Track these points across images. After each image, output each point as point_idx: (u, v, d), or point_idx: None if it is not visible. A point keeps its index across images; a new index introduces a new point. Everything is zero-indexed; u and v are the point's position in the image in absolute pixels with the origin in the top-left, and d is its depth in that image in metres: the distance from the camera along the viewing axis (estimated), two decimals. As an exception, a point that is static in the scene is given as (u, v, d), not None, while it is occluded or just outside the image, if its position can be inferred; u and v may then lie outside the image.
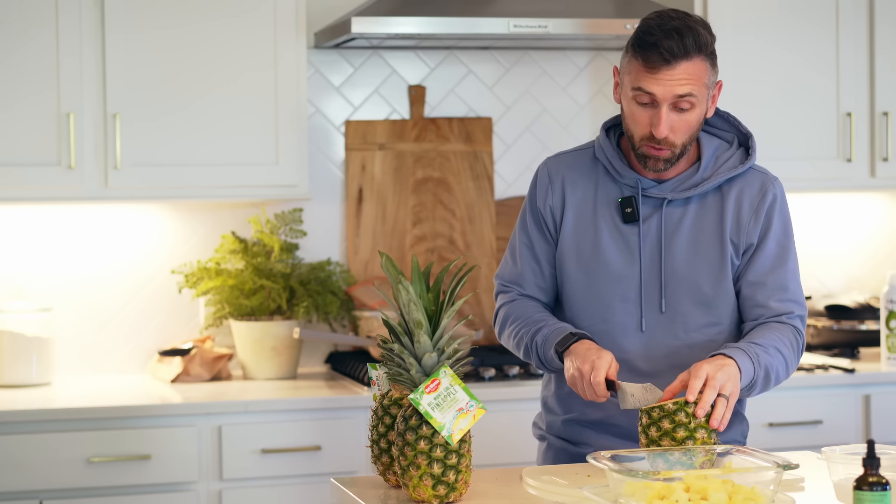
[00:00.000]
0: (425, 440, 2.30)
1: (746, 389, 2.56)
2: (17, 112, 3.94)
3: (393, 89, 4.50)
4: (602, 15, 4.15)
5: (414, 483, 2.32)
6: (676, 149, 2.63)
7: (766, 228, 2.69)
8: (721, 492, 2.11)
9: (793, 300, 2.68)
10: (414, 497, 2.33)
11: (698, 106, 2.60)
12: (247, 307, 4.18)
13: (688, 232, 2.69)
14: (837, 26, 4.43)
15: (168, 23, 4.02)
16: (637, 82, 2.59)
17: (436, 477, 2.31)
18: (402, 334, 2.33)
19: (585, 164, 2.77)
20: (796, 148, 4.43)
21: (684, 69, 2.56)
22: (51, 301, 4.24)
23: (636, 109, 2.62)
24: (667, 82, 2.56)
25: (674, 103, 2.58)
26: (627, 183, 2.71)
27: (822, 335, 4.53)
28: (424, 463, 2.30)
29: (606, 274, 2.70)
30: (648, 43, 2.57)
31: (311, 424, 3.85)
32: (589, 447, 2.73)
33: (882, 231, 4.90)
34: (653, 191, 2.69)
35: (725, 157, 2.72)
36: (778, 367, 2.61)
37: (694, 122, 2.62)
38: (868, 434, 4.21)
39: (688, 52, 2.56)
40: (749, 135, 2.76)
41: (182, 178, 4.04)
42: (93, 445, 3.71)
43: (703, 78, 2.59)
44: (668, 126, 2.58)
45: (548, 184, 2.78)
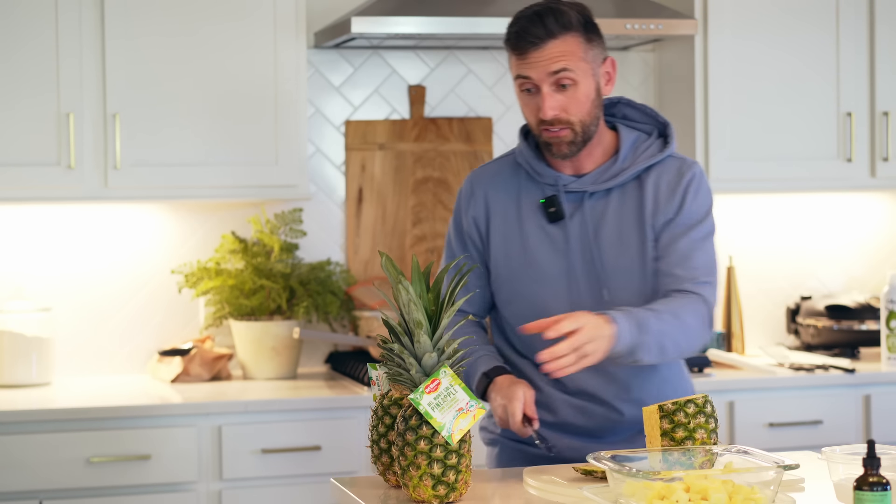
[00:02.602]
0: (425, 440, 2.30)
1: (628, 354, 2.52)
2: (17, 112, 3.94)
3: (393, 89, 4.50)
4: (602, 15, 4.13)
5: (414, 483, 2.31)
6: (575, 126, 2.65)
7: (679, 205, 2.69)
8: (721, 492, 2.11)
9: (698, 268, 2.65)
10: (414, 497, 2.33)
11: (581, 81, 2.63)
12: (247, 307, 4.18)
13: (612, 223, 2.70)
14: (837, 26, 4.43)
15: (168, 22, 4.02)
16: (515, 71, 2.65)
17: (436, 477, 2.30)
18: (402, 334, 2.33)
19: (507, 171, 2.80)
20: (796, 148, 4.43)
21: (553, 47, 2.61)
22: (50, 301, 4.24)
23: (525, 98, 2.67)
24: (537, 63, 2.61)
25: (554, 82, 2.62)
26: (548, 182, 2.73)
27: (822, 335, 4.53)
28: (424, 463, 2.30)
29: (539, 275, 2.71)
30: (513, 31, 2.64)
31: (311, 424, 3.85)
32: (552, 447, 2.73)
33: (882, 231, 4.90)
34: (573, 186, 2.71)
35: (644, 147, 2.74)
36: (675, 335, 2.57)
37: (583, 98, 2.64)
38: (868, 434, 4.21)
39: (552, 32, 2.60)
40: (667, 124, 2.78)
41: (182, 178, 4.04)
42: (93, 445, 3.71)
43: (576, 53, 2.62)
44: (553, 105, 2.62)
45: (470, 196, 2.81)
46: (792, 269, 4.82)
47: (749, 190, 4.47)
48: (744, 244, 4.77)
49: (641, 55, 4.67)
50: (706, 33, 4.35)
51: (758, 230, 4.79)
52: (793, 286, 4.81)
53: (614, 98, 2.82)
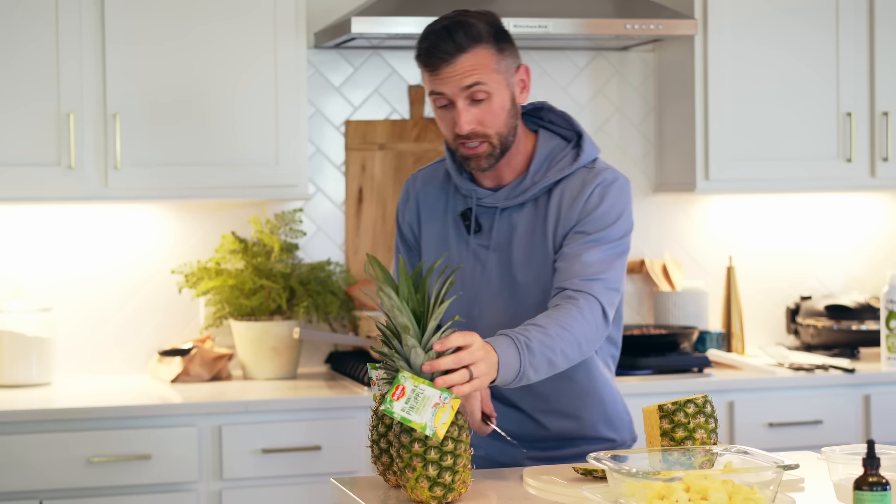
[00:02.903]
0: (419, 442, 2.29)
1: (516, 379, 2.41)
2: (18, 112, 3.94)
3: (393, 89, 4.50)
4: (602, 15, 4.15)
5: (411, 485, 2.32)
6: (492, 139, 2.62)
7: (579, 215, 2.62)
8: (721, 492, 2.12)
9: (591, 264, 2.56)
10: (413, 498, 2.33)
11: (495, 93, 2.59)
12: (247, 307, 4.18)
13: (522, 237, 2.68)
14: (837, 26, 4.43)
15: (168, 22, 4.02)
16: (429, 87, 2.62)
17: (432, 479, 2.30)
18: (391, 337, 2.33)
19: (439, 177, 2.79)
20: (796, 148, 4.43)
21: (464, 62, 2.57)
22: (51, 301, 4.24)
23: (440, 114, 2.64)
24: (450, 78, 2.57)
25: (467, 96, 2.58)
26: (465, 194, 2.73)
27: (822, 335, 4.53)
28: (420, 465, 2.30)
29: (460, 287, 2.70)
30: (423, 48, 2.60)
31: (311, 424, 3.85)
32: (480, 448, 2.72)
33: (882, 231, 4.90)
34: (486, 201, 2.70)
35: (559, 158, 2.69)
36: (563, 346, 2.45)
37: (498, 110, 2.61)
38: (868, 434, 4.21)
39: (461, 46, 2.56)
40: (581, 134, 2.72)
41: (182, 178, 4.04)
42: (93, 445, 3.71)
43: (488, 65, 2.58)
44: (468, 120, 2.59)
45: (406, 199, 2.83)
46: (792, 269, 4.82)
47: (749, 190, 4.47)
48: (744, 244, 4.77)
49: (641, 55, 4.67)
50: (706, 33, 4.35)
51: (758, 230, 4.79)
52: (793, 286, 4.81)
53: (538, 103, 2.79)
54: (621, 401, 2.82)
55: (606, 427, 2.77)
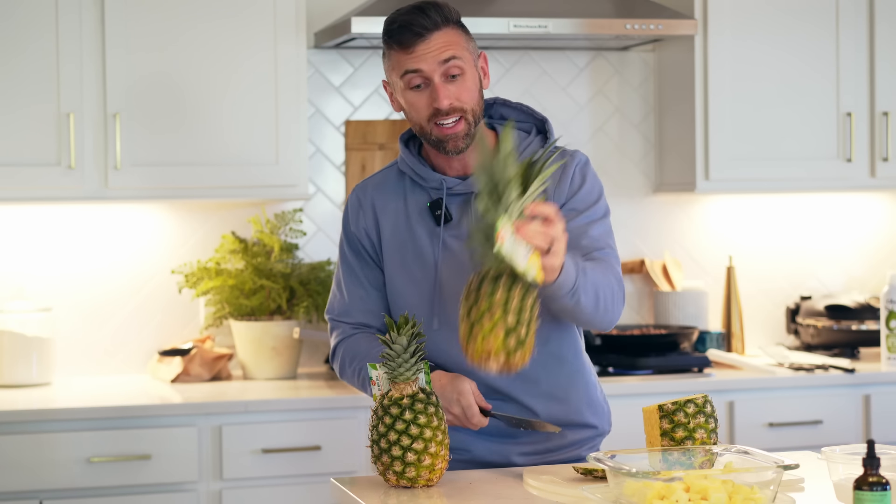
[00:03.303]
0: (504, 291, 2.32)
1: (570, 290, 2.49)
2: (18, 112, 3.94)
3: (393, 89, 4.50)
4: (602, 15, 4.15)
5: (485, 333, 2.32)
6: (468, 115, 2.64)
7: (568, 192, 2.69)
8: (721, 492, 2.12)
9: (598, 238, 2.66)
10: (479, 350, 2.33)
11: (468, 70, 2.64)
12: (247, 307, 4.18)
13: None
14: (837, 26, 4.43)
15: (168, 23, 4.02)
16: (402, 67, 2.63)
17: (510, 327, 2.32)
18: (488, 193, 2.33)
19: (392, 181, 2.79)
20: (796, 148, 4.43)
21: (439, 38, 2.61)
22: (51, 301, 4.24)
23: (413, 97, 2.65)
24: (426, 54, 2.61)
25: (444, 72, 2.61)
26: (433, 186, 2.72)
27: (822, 335, 4.53)
28: (499, 312, 2.31)
29: (433, 279, 2.70)
30: (396, 28, 2.63)
31: (311, 424, 3.85)
32: (467, 452, 2.73)
33: (882, 231, 4.90)
34: (458, 188, 2.71)
35: (525, 145, 2.74)
36: (605, 288, 2.57)
37: (471, 86, 2.65)
38: (868, 434, 4.21)
39: (437, 24, 2.61)
40: (545, 120, 2.78)
41: (182, 178, 4.04)
42: (93, 445, 3.72)
43: (460, 43, 2.64)
44: (447, 94, 2.61)
45: (358, 208, 2.79)
46: (792, 269, 4.82)
47: (749, 190, 4.47)
48: (744, 244, 4.77)
49: (641, 55, 4.67)
50: (706, 33, 4.35)
51: (758, 230, 4.79)
52: (793, 286, 4.81)
53: (489, 99, 2.82)
54: (600, 388, 2.86)
55: (590, 412, 2.79)
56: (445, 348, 2.69)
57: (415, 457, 2.43)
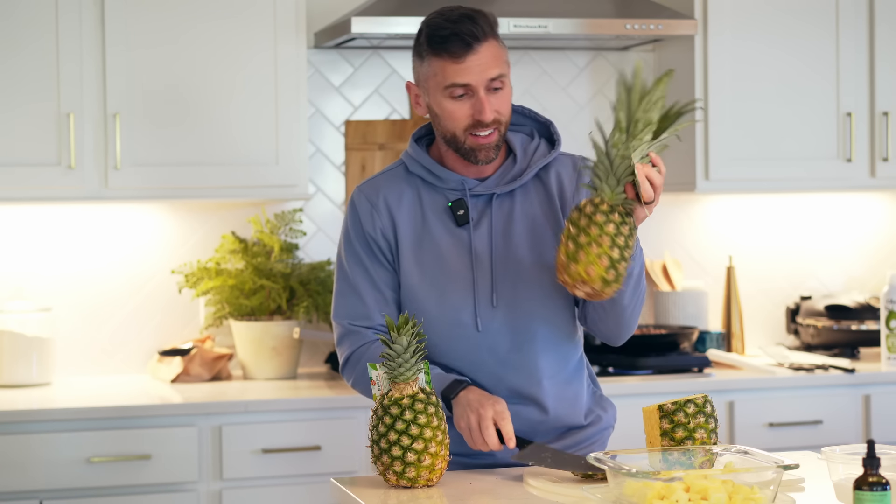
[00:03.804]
0: (615, 226, 2.39)
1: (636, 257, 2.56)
2: (18, 112, 3.94)
3: (393, 89, 4.50)
4: (602, 15, 4.15)
5: (590, 259, 2.38)
6: (502, 128, 2.66)
7: None
8: (721, 492, 2.12)
9: None
10: (578, 272, 2.38)
11: (507, 84, 2.66)
12: (247, 307, 4.18)
13: (522, 221, 2.70)
14: (837, 27, 4.43)
15: (168, 22, 4.02)
16: (448, 79, 2.61)
17: (613, 260, 2.38)
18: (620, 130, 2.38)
19: (400, 181, 2.76)
20: (796, 148, 4.43)
21: (487, 50, 2.61)
22: (51, 301, 4.24)
23: (453, 106, 2.64)
24: (476, 67, 2.60)
25: (489, 85, 2.62)
26: (451, 187, 2.71)
27: (822, 335, 4.53)
28: (607, 244, 2.38)
29: (452, 279, 2.69)
30: (444, 36, 2.60)
31: (311, 424, 3.85)
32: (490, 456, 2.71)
33: (882, 231, 4.90)
34: (479, 189, 2.70)
35: (533, 148, 2.76)
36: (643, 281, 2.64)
37: (509, 99, 2.67)
38: (868, 434, 4.21)
39: (485, 33, 2.61)
40: (549, 123, 2.80)
41: (182, 178, 4.04)
42: (93, 445, 3.72)
43: (503, 56, 2.64)
44: (492, 108, 2.62)
45: (370, 209, 2.75)
46: (792, 269, 4.82)
47: (749, 190, 4.47)
48: (744, 244, 4.77)
49: (641, 55, 4.67)
50: (706, 33, 4.35)
51: (758, 230, 4.79)
52: (792, 286, 4.81)
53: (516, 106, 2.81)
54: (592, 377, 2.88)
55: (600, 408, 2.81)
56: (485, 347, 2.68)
57: (415, 457, 2.43)
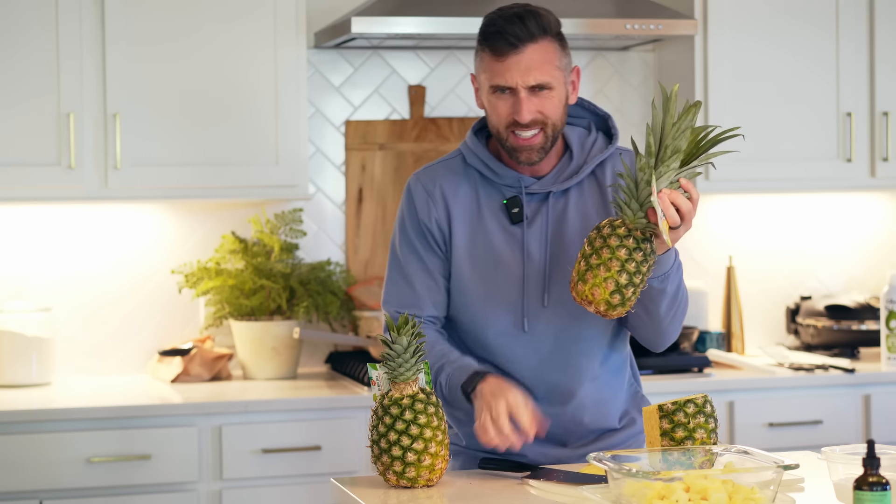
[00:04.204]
0: (627, 251, 2.40)
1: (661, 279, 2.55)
2: (18, 112, 3.94)
3: (393, 89, 4.50)
4: (602, 15, 4.15)
5: (597, 281, 2.40)
6: (548, 129, 2.63)
7: None
8: (721, 492, 2.12)
9: None
10: (585, 293, 2.41)
11: (556, 87, 2.62)
12: (247, 307, 4.18)
13: (575, 220, 2.70)
14: (837, 27, 4.43)
15: (168, 22, 4.02)
16: (492, 77, 2.61)
17: (619, 285, 2.40)
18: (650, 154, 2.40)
19: (458, 172, 2.75)
20: (796, 148, 4.43)
21: (532, 53, 2.58)
22: (51, 301, 4.24)
23: (496, 101, 2.64)
24: (516, 69, 2.58)
25: (531, 87, 2.60)
26: (508, 183, 2.71)
27: (822, 335, 4.53)
28: (616, 269, 2.40)
29: (503, 276, 2.69)
30: (492, 32, 2.60)
31: (311, 424, 3.85)
32: (521, 456, 2.71)
33: (882, 231, 4.90)
34: (535, 187, 2.70)
35: (590, 143, 2.74)
36: (683, 292, 2.64)
37: (558, 102, 2.63)
38: (868, 434, 4.21)
39: (532, 35, 2.58)
40: (607, 116, 2.79)
41: (182, 178, 4.04)
42: (93, 445, 3.72)
43: (553, 61, 2.61)
44: (530, 109, 2.60)
45: (426, 197, 2.74)
46: (792, 269, 4.82)
47: (749, 190, 4.47)
48: (744, 244, 4.77)
49: (641, 55, 4.67)
50: (706, 33, 4.35)
51: (758, 230, 4.79)
52: (793, 286, 4.81)
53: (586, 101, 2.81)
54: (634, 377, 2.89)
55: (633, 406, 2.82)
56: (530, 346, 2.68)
57: (415, 457, 2.43)
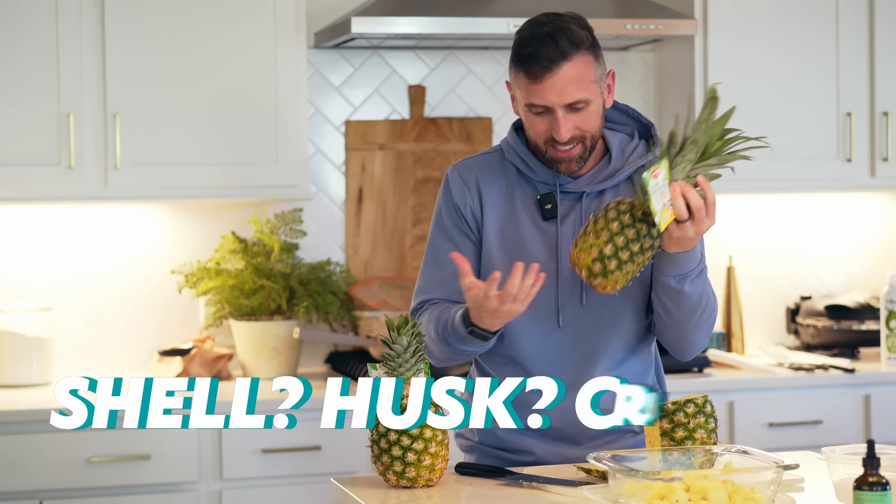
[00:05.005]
0: (619, 224, 2.42)
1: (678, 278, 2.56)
2: (18, 112, 3.94)
3: (393, 89, 4.50)
4: (602, 15, 4.15)
5: (583, 246, 2.44)
6: (586, 141, 2.64)
7: None
8: (721, 492, 2.12)
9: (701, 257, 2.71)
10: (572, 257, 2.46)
11: (593, 101, 2.63)
12: (247, 307, 4.18)
13: None
14: (837, 27, 4.43)
15: (168, 22, 4.02)
16: (528, 97, 2.61)
17: (603, 255, 2.42)
18: (674, 144, 2.44)
19: (495, 166, 2.77)
20: (796, 148, 4.43)
21: (567, 71, 2.58)
22: (51, 301, 4.24)
23: (533, 119, 2.64)
24: (552, 90, 2.58)
25: (567, 105, 2.60)
26: (543, 180, 2.71)
27: (822, 335, 4.53)
28: (604, 238, 2.43)
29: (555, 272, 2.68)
30: (526, 55, 2.60)
31: (311, 424, 3.84)
32: (531, 454, 2.72)
33: (882, 231, 4.90)
34: (569, 186, 2.70)
35: (631, 149, 2.75)
36: (710, 299, 2.65)
37: (594, 115, 2.64)
38: (868, 434, 4.21)
39: (565, 54, 2.58)
40: (650, 125, 2.79)
41: (182, 178, 4.04)
42: (93, 445, 3.72)
43: (588, 76, 2.60)
44: (568, 127, 2.61)
45: (462, 185, 2.76)
46: (792, 269, 4.82)
47: (749, 190, 4.47)
48: (744, 244, 4.77)
49: (641, 55, 4.67)
50: (706, 33, 4.35)
51: (758, 230, 4.79)
52: (793, 286, 4.81)
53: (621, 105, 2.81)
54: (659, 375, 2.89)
55: None
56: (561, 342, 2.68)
57: (415, 457, 2.43)
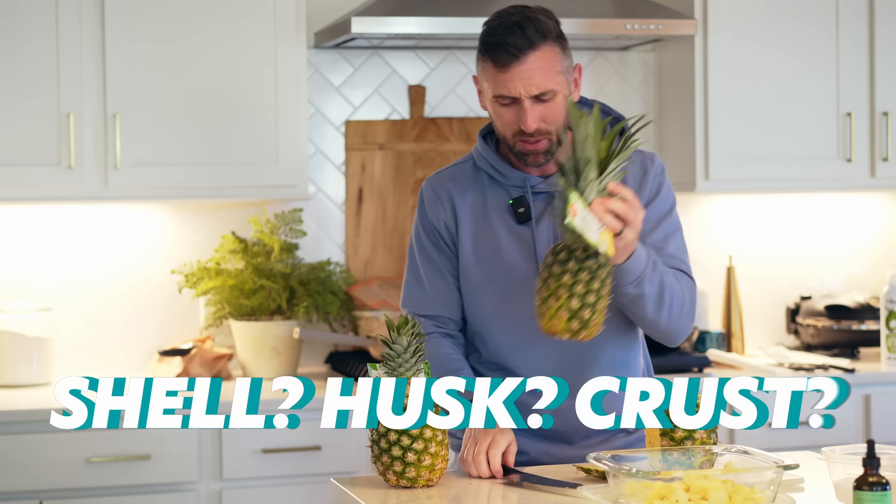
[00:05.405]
0: (570, 274, 2.38)
1: (636, 279, 2.53)
2: (18, 112, 3.94)
3: (393, 89, 4.50)
4: (602, 15, 4.15)
5: (551, 314, 2.39)
6: (552, 136, 2.64)
7: (647, 197, 2.70)
8: (721, 492, 2.12)
9: (677, 255, 2.69)
10: (546, 328, 2.40)
11: (559, 92, 2.63)
12: (247, 307, 4.18)
13: None
14: (837, 27, 4.43)
15: (168, 23, 4.02)
16: (495, 88, 2.62)
17: (573, 311, 2.38)
18: (569, 170, 2.38)
19: (467, 175, 2.78)
20: (796, 148, 4.43)
21: (533, 61, 2.58)
22: (51, 301, 4.24)
23: (501, 110, 2.64)
24: (519, 79, 2.59)
25: (534, 96, 2.61)
26: (514, 184, 2.72)
27: (822, 335, 4.53)
28: (565, 296, 2.38)
29: (512, 276, 2.70)
30: (493, 43, 2.60)
31: (311, 424, 3.84)
32: (524, 454, 2.71)
33: (882, 231, 4.90)
34: (541, 187, 2.71)
35: None
36: (672, 286, 2.60)
37: (560, 107, 2.64)
38: (868, 434, 4.21)
39: (532, 43, 2.58)
40: (622, 117, 2.77)
41: (182, 178, 4.04)
42: (93, 445, 3.72)
43: (555, 66, 2.61)
44: (535, 118, 2.61)
45: (435, 199, 2.77)
46: (792, 269, 4.82)
47: (749, 190, 4.47)
48: (744, 244, 4.77)
49: (641, 55, 4.67)
50: (706, 33, 4.35)
51: (758, 230, 4.79)
52: (793, 286, 4.81)
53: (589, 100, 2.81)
54: None
55: None
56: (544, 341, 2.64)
57: (415, 457, 2.43)
